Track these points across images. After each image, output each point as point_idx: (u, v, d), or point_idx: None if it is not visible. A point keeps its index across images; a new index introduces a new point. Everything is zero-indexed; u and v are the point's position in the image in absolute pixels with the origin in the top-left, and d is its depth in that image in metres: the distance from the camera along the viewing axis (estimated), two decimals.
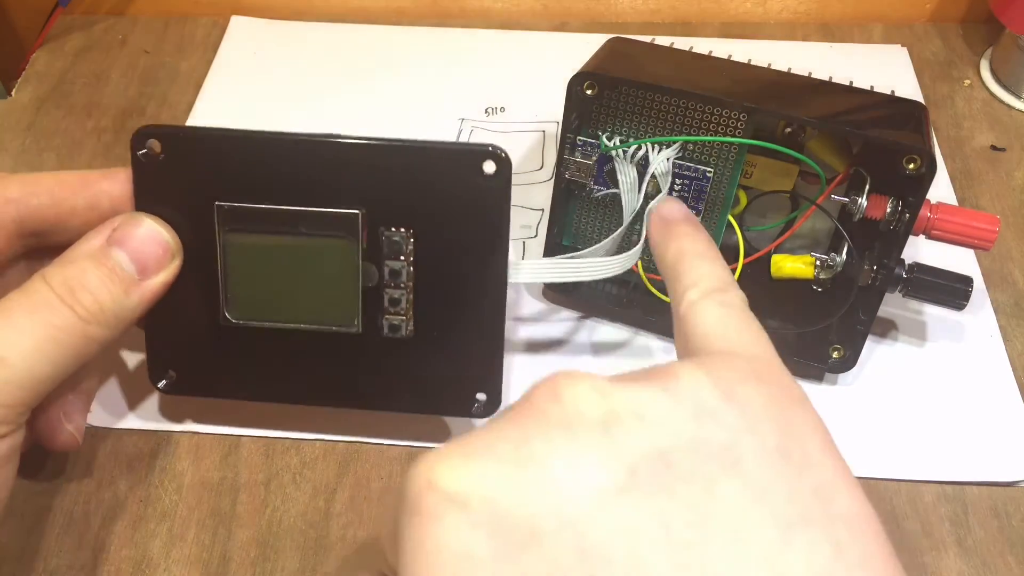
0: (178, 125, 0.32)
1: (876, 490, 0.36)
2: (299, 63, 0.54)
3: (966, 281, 0.37)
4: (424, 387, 0.34)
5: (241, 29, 0.56)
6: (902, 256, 0.35)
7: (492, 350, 0.34)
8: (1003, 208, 0.46)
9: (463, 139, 0.49)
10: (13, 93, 0.52)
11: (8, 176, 0.31)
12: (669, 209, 0.33)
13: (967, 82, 0.53)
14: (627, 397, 0.20)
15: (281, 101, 0.51)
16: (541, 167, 0.48)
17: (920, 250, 0.41)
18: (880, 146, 0.34)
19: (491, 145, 0.31)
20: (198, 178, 0.32)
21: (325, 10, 0.58)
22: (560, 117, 0.36)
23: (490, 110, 0.51)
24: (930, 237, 0.35)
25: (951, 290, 0.36)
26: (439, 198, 0.32)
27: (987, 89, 0.53)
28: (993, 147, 0.50)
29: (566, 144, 0.37)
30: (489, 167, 0.31)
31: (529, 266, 0.34)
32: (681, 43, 0.39)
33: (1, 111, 0.51)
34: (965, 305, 0.37)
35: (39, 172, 0.32)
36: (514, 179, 0.31)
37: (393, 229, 0.32)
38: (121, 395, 0.38)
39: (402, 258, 0.32)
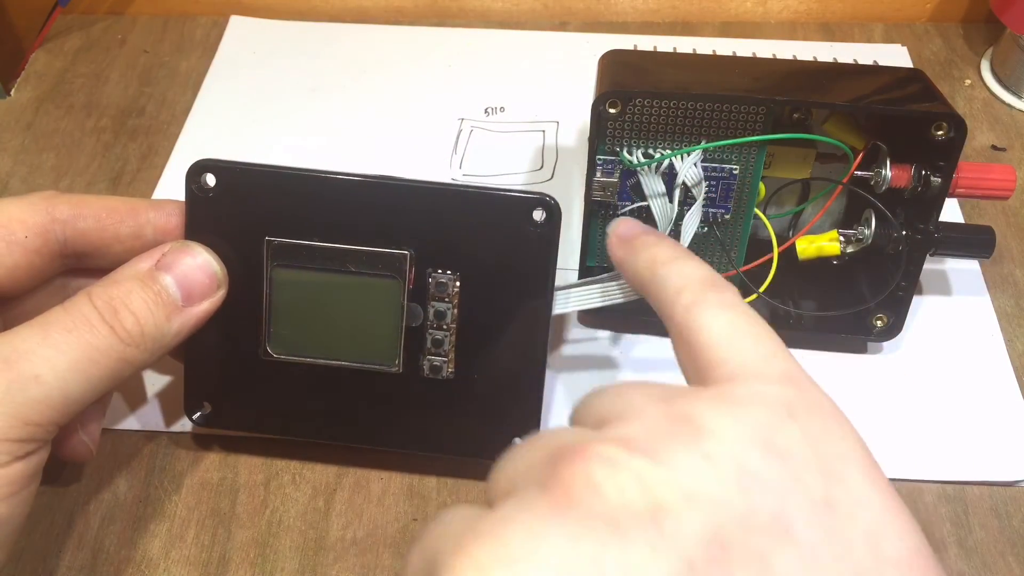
0: (233, 160, 0.32)
1: None
2: (298, 63, 0.54)
3: (988, 231, 0.38)
4: (461, 430, 0.34)
5: (240, 29, 0.56)
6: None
7: (531, 394, 0.33)
8: (1004, 208, 0.46)
9: (462, 139, 0.49)
10: (12, 93, 0.52)
11: (58, 195, 0.31)
12: (625, 227, 0.31)
13: (968, 82, 0.53)
14: (669, 479, 0.19)
15: (280, 101, 0.51)
16: (541, 167, 0.48)
17: None
18: (908, 118, 0.34)
19: (542, 193, 0.31)
20: (249, 213, 0.32)
21: (324, 10, 0.58)
22: (560, 117, 0.36)
23: (490, 110, 0.51)
24: (953, 195, 0.36)
25: (978, 241, 0.38)
26: (488, 242, 0.32)
27: (988, 89, 0.53)
28: (994, 147, 0.49)
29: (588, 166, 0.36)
30: (539, 215, 0.31)
31: (577, 294, 0.34)
32: (681, 43, 0.39)
33: (0, 111, 0.51)
34: (991, 254, 0.38)
35: (89, 194, 0.32)
36: (514, 179, 0.31)
37: (440, 271, 0.32)
38: (121, 396, 0.38)
39: (447, 300, 0.32)
